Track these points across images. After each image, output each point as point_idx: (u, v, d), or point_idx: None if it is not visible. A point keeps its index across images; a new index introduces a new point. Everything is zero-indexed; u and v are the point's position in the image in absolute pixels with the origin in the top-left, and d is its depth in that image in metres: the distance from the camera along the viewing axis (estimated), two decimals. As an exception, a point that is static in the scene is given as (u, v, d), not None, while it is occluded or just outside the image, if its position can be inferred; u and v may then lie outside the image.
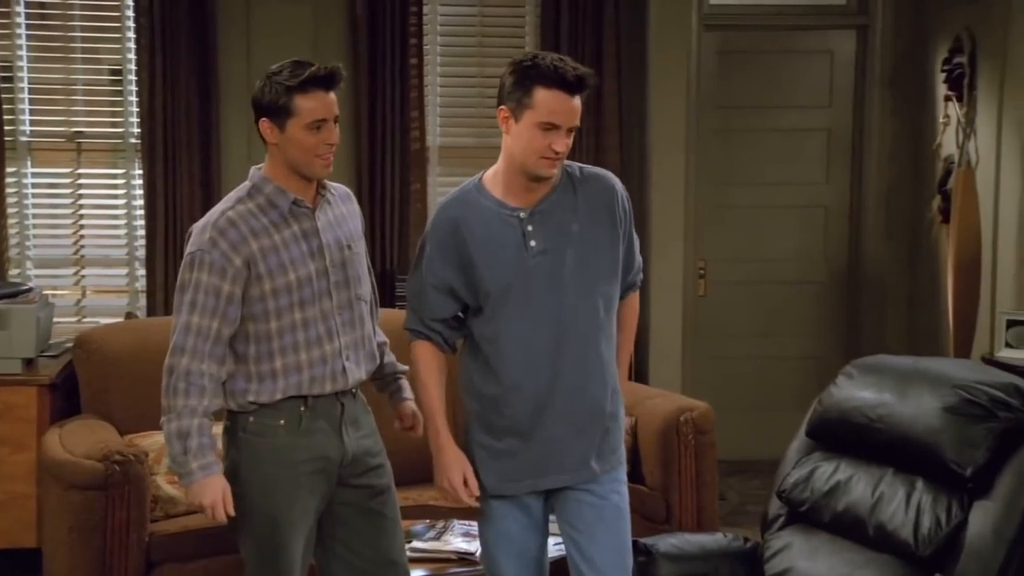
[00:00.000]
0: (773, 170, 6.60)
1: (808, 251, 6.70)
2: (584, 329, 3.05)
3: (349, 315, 3.17)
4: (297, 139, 3.03)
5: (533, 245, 3.01)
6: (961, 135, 6.00)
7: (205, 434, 3.03)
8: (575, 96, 2.92)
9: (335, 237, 3.15)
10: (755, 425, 6.46)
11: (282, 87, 2.99)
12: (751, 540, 3.71)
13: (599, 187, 3.08)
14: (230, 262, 3.02)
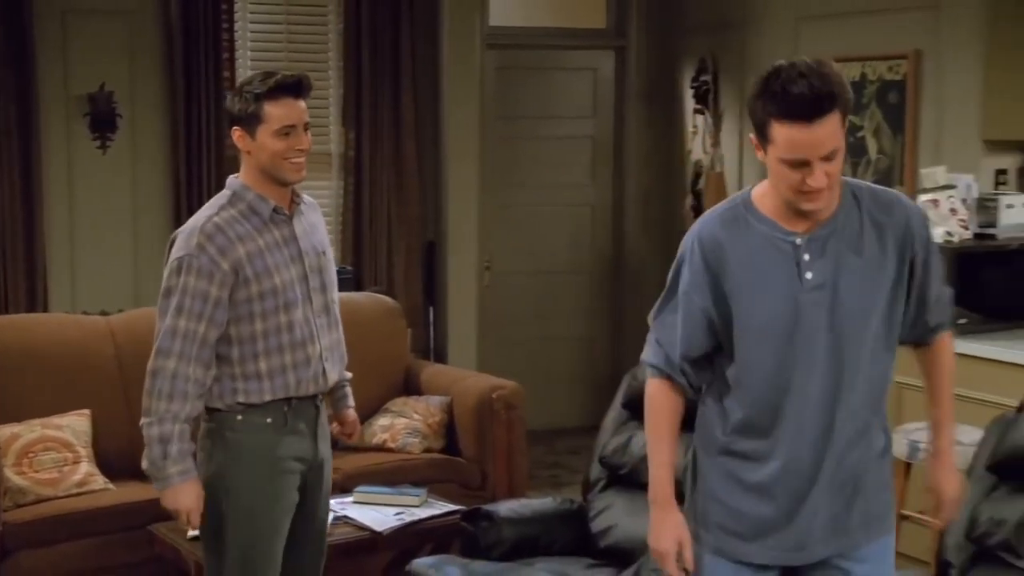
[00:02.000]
0: (546, 174, 6.71)
1: (577, 245, 6.84)
2: (860, 383, 2.31)
3: (326, 319, 3.02)
4: (267, 145, 2.86)
5: (809, 277, 2.29)
6: (708, 142, 6.26)
7: (185, 440, 2.84)
8: (819, 124, 2.16)
9: (311, 244, 3.00)
10: (535, 398, 6.54)
11: (252, 95, 2.84)
12: (576, 501, 3.78)
13: (888, 214, 2.32)
14: (217, 266, 2.83)
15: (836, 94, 2.18)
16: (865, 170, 5.44)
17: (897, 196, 2.36)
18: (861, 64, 5.41)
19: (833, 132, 2.18)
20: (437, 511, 3.86)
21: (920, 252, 2.33)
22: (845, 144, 2.25)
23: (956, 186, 4.58)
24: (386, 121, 5.97)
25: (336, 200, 5.98)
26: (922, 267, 2.34)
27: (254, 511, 2.91)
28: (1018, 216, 4.63)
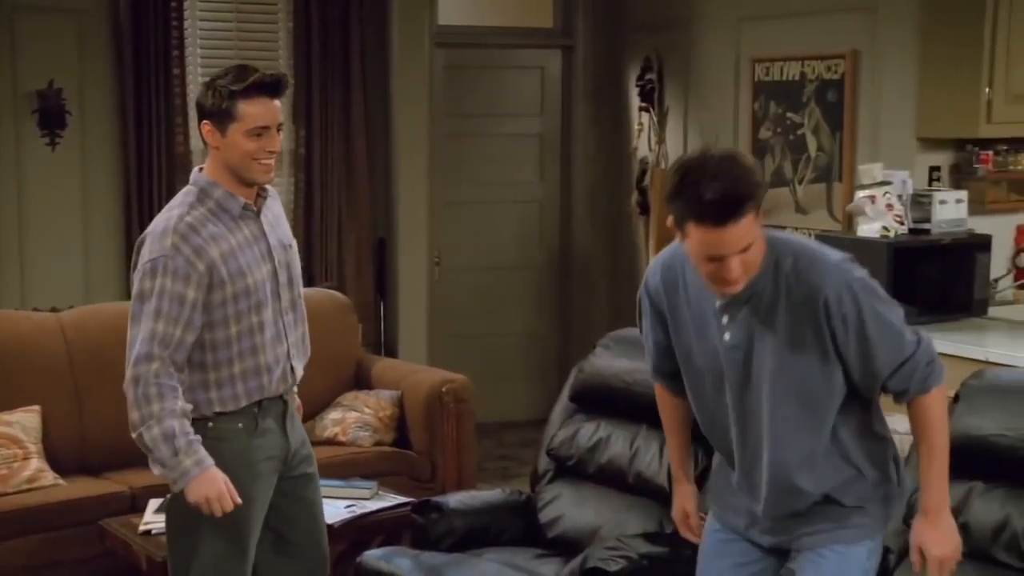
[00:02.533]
0: (495, 170, 6.71)
1: (526, 240, 6.85)
2: (781, 441, 2.42)
3: (292, 316, 2.93)
4: (238, 144, 2.73)
5: (727, 338, 2.40)
6: (654, 140, 6.30)
7: (189, 431, 2.71)
8: (732, 225, 2.22)
9: (277, 237, 2.90)
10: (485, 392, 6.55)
11: (226, 91, 2.71)
12: (525, 493, 3.79)
13: (805, 292, 2.32)
14: (194, 268, 2.71)
15: (748, 195, 2.22)
16: (805, 167, 5.50)
17: (821, 274, 2.33)
18: (801, 63, 5.47)
19: (746, 230, 2.24)
20: (387, 503, 3.86)
21: (842, 328, 2.32)
22: (760, 231, 2.30)
23: (892, 182, 4.64)
24: (336, 119, 5.94)
25: (287, 197, 5.94)
26: (855, 341, 2.33)
27: (229, 516, 2.80)
28: (951, 212, 4.69)
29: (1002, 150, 5.09)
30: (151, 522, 3.61)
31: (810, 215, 5.48)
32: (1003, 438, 2.87)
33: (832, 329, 2.33)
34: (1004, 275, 5.18)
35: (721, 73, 5.89)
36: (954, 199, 4.72)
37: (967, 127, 4.86)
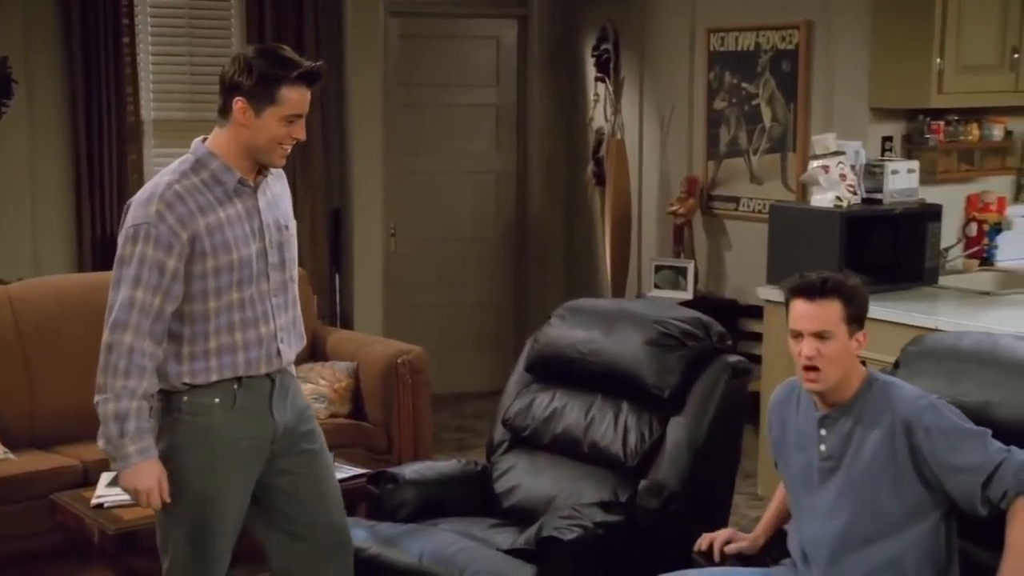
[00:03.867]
0: (451, 141, 6.68)
1: (482, 211, 6.83)
2: (847, 547, 2.70)
3: (283, 298, 2.84)
4: (270, 127, 2.69)
5: (823, 449, 2.74)
6: (610, 110, 6.28)
7: (143, 417, 2.67)
8: (814, 303, 2.70)
9: (274, 217, 2.82)
10: (441, 363, 6.54)
11: (272, 75, 2.67)
12: (480, 463, 3.79)
13: (889, 415, 2.67)
14: (177, 237, 2.65)
15: (841, 288, 2.71)
16: (759, 137, 5.51)
17: (901, 397, 2.70)
18: (755, 33, 5.47)
19: (821, 315, 2.69)
20: (343, 475, 3.81)
21: (926, 439, 2.63)
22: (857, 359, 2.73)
23: (845, 152, 4.66)
24: (289, 89, 5.86)
25: (240, 167, 5.87)
26: (942, 446, 2.63)
27: (201, 494, 2.76)
28: (903, 182, 4.73)
29: (953, 120, 5.12)
30: (103, 495, 3.57)
31: (764, 185, 5.50)
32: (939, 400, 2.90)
33: (915, 446, 2.63)
34: (954, 244, 5.24)
35: (676, 43, 5.88)
36: (906, 169, 4.76)
37: (919, 97, 4.89)
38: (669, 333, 3.49)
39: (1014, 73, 5.00)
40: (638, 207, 6.17)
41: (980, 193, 5.34)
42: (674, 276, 5.72)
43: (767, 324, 4.89)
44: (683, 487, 3.34)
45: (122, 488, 2.75)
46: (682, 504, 3.33)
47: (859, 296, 2.73)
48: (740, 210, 5.63)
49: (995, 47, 4.96)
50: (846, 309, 2.68)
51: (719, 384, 3.41)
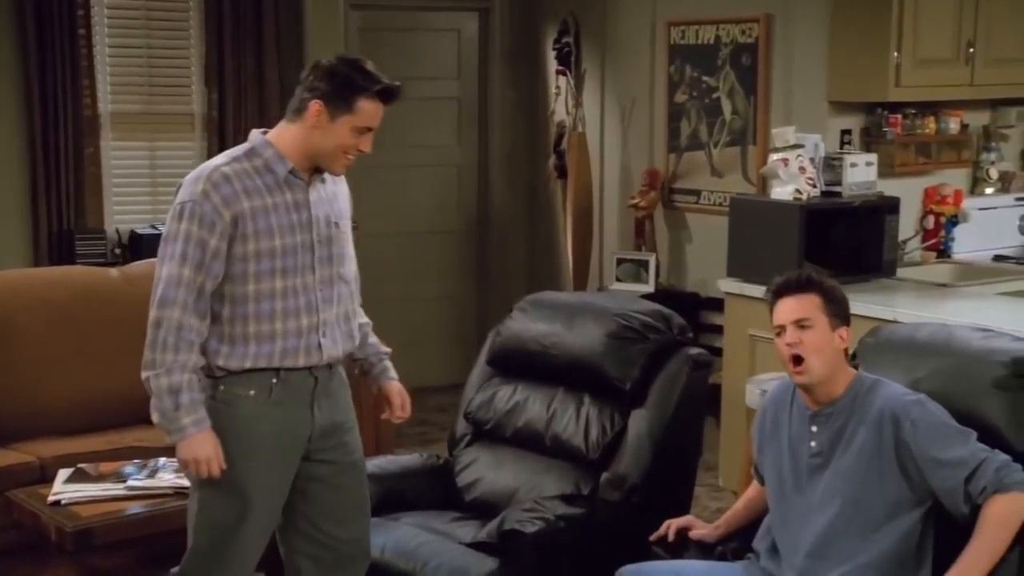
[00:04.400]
0: (412, 134, 6.64)
1: (444, 204, 6.81)
2: (829, 537, 2.74)
3: (329, 292, 2.82)
4: (340, 135, 2.72)
5: (813, 446, 2.79)
6: (571, 103, 6.28)
7: (195, 390, 2.68)
8: (793, 297, 2.78)
9: (324, 213, 2.80)
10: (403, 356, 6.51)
11: (353, 84, 2.71)
12: (443, 457, 3.78)
13: (877, 410, 2.73)
14: (220, 216, 2.66)
15: (818, 284, 2.80)
16: (720, 131, 5.54)
17: (889, 393, 2.75)
18: (716, 27, 5.49)
19: (800, 307, 2.77)
20: (304, 470, 3.82)
21: (911, 431, 2.68)
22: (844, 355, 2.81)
23: (804, 145, 4.69)
24: (249, 81, 5.82)
25: (199, 161, 5.78)
26: (927, 439, 2.68)
27: (229, 484, 2.74)
28: (861, 175, 4.77)
29: (910, 113, 5.17)
30: (60, 492, 3.53)
31: (725, 178, 5.53)
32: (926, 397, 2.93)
33: (900, 439, 2.67)
34: (912, 236, 5.29)
35: (637, 37, 5.90)
36: (864, 162, 4.79)
37: (876, 91, 4.93)
38: (630, 326, 3.49)
39: (969, 67, 5.06)
40: (599, 200, 6.18)
41: (937, 186, 5.39)
42: (635, 269, 5.74)
43: (728, 317, 4.91)
44: (645, 479, 3.35)
45: (180, 460, 2.75)
46: (644, 496, 3.34)
47: (837, 292, 2.82)
48: (701, 203, 5.65)
49: (950, 41, 5.01)
50: (825, 302, 2.77)
51: (680, 377, 3.42)
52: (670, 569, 2.85)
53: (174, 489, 3.64)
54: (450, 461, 3.73)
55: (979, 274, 5.13)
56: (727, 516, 3.09)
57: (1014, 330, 3.43)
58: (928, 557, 2.71)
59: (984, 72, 5.11)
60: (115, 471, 3.71)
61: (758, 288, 4.68)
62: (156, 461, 3.85)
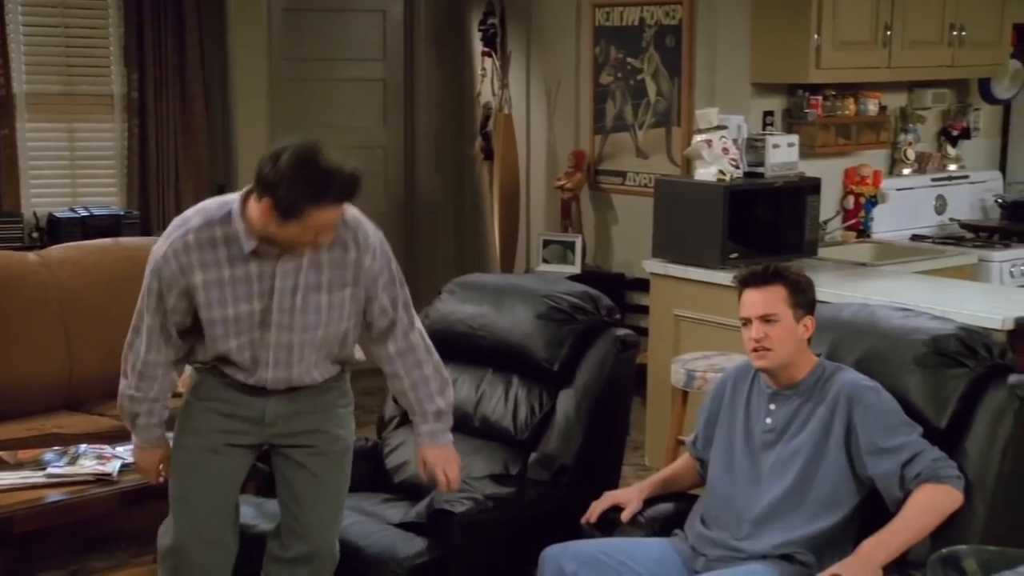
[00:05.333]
0: (338, 116, 6.57)
1: (370, 187, 6.54)
2: (775, 511, 2.81)
3: (287, 356, 2.81)
4: (292, 233, 2.63)
5: (768, 422, 2.89)
6: (497, 84, 6.26)
7: (154, 415, 2.94)
8: (759, 289, 2.85)
9: (295, 284, 2.73)
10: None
11: (305, 198, 2.59)
12: (371, 440, 3.75)
13: (834, 390, 2.82)
14: (176, 281, 2.76)
15: (784, 276, 2.87)
16: (645, 112, 5.55)
17: (847, 377, 2.85)
18: (640, 8, 5.50)
19: (764, 301, 2.84)
20: (231, 454, 3.76)
21: (862, 413, 2.78)
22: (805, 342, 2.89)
23: (727, 127, 4.72)
24: (170, 62, 5.70)
25: (120, 143, 5.69)
26: (874, 423, 2.78)
27: (177, 443, 2.97)
28: (783, 156, 4.81)
29: (831, 95, 5.23)
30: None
31: (650, 159, 5.55)
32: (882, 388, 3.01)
33: (851, 422, 2.76)
34: (833, 216, 5.36)
35: (562, 18, 5.88)
36: (786, 143, 4.84)
37: (797, 72, 4.98)
38: (558, 307, 3.49)
39: (887, 49, 5.14)
40: (526, 182, 6.17)
41: (857, 167, 5.47)
42: (562, 250, 5.74)
43: (653, 297, 4.94)
44: (573, 459, 3.36)
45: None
46: (572, 476, 3.35)
47: (803, 282, 2.88)
48: (626, 184, 5.67)
49: (869, 24, 5.08)
50: (790, 294, 2.84)
51: (608, 357, 3.43)
52: (595, 547, 2.86)
53: (95, 476, 3.57)
54: (379, 443, 3.71)
55: (898, 253, 5.21)
56: (650, 483, 3.14)
57: (932, 308, 3.50)
58: (853, 542, 2.76)
59: (901, 55, 5.19)
60: (34, 458, 3.62)
61: (683, 268, 4.74)
62: (77, 448, 3.77)
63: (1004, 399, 2.84)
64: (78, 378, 4.51)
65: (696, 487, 3.19)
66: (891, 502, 2.76)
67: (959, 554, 2.51)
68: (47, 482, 3.49)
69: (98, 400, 4.45)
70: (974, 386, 2.90)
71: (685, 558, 2.88)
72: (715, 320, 4.57)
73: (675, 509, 3.08)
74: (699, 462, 3.14)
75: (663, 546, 2.92)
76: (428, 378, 2.99)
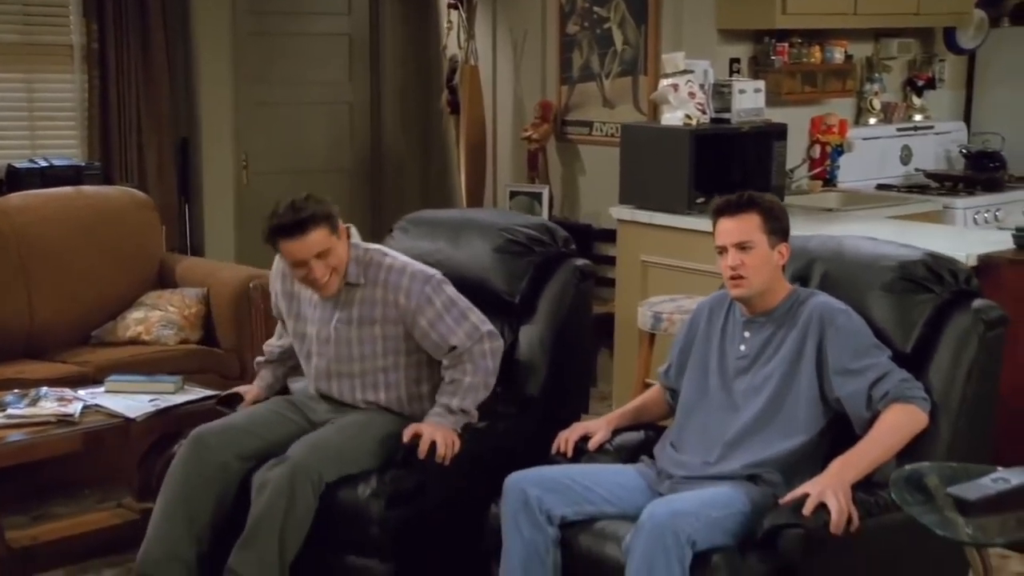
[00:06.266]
0: (303, 71, 6.48)
1: (336, 142, 6.67)
2: (749, 432, 2.83)
3: (326, 384, 3.33)
4: (293, 272, 3.25)
5: (742, 349, 2.91)
6: (463, 37, 6.18)
7: (260, 372, 3.60)
8: (734, 217, 2.87)
9: (353, 315, 3.25)
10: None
11: (270, 238, 3.17)
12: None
13: (807, 311, 2.85)
14: (272, 284, 3.53)
15: (755, 202, 2.93)
16: (611, 61, 5.50)
17: (821, 299, 2.88)
18: (606, -43, 5.44)
19: (741, 229, 2.87)
20: (192, 397, 3.72)
21: (834, 333, 2.80)
22: (777, 268, 2.93)
23: (694, 71, 4.68)
24: (131, 12, 5.59)
25: (80, 95, 5.59)
26: (845, 342, 2.79)
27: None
28: (750, 101, 4.77)
29: (797, 43, 5.20)
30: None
31: (617, 109, 5.50)
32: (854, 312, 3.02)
33: (823, 344, 2.78)
34: (799, 165, 5.34)
35: (528, -32, 5.82)
36: (752, 88, 4.80)
37: (764, 18, 4.94)
38: (516, 240, 3.46)
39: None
40: (493, 134, 6.11)
41: (823, 116, 5.45)
42: (529, 202, 5.70)
43: (620, 243, 4.91)
44: (540, 391, 3.35)
45: None
46: (541, 407, 3.32)
47: (776, 209, 2.91)
48: (593, 135, 5.63)
49: (835, -31, 5.05)
50: (765, 221, 2.86)
51: (568, 288, 3.42)
52: (559, 472, 2.85)
53: (57, 417, 3.52)
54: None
55: (864, 200, 5.21)
56: (620, 414, 3.14)
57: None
58: (821, 464, 2.75)
59: (866, 1, 5.16)
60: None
61: (649, 214, 4.70)
62: (38, 390, 3.71)
63: (969, 323, 2.85)
64: (39, 326, 4.45)
65: (664, 418, 3.17)
66: (858, 423, 2.75)
67: (922, 471, 2.52)
68: (7, 423, 3.44)
69: (59, 348, 4.39)
70: (940, 311, 2.90)
71: (650, 481, 2.87)
72: (682, 265, 4.54)
73: (643, 438, 3.08)
74: (669, 392, 3.13)
75: (627, 471, 2.90)
76: (465, 384, 3.20)
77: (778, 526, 2.54)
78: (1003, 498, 2.33)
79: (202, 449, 3.15)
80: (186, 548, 3.08)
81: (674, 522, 2.52)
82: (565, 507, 2.76)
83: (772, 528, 2.55)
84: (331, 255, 3.15)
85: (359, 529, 3.02)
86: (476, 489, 2.99)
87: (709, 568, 2.52)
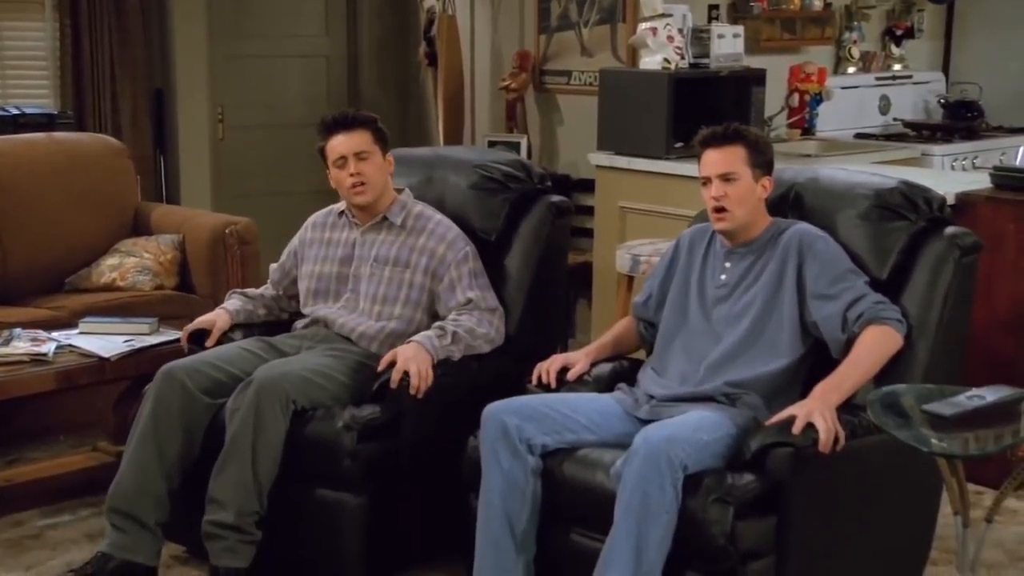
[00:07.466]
0: (278, 24, 6.41)
1: (313, 97, 6.61)
2: (729, 357, 2.85)
3: (347, 318, 3.36)
4: (333, 176, 3.38)
5: (723, 279, 2.92)
6: (441, -12, 6.13)
7: (237, 301, 3.59)
8: (719, 149, 2.87)
9: (373, 255, 3.36)
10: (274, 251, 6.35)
11: (319, 137, 3.36)
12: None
13: (786, 239, 2.88)
14: (302, 232, 3.63)
15: (744, 136, 2.91)
16: (590, 9, 5.46)
17: (801, 226, 2.91)
18: (584, -96, 5.39)
19: (726, 160, 2.87)
20: (166, 338, 3.70)
21: (812, 258, 2.84)
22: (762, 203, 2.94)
23: (673, 15, 4.65)
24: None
25: (52, 43, 5.52)
26: (822, 267, 2.82)
27: None
28: (728, 46, 4.76)
29: (776, -11, 5.19)
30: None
31: (595, 57, 5.47)
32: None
33: (801, 269, 2.81)
34: (778, 113, 5.33)
35: (496, -84, 5.77)
36: (731, 33, 4.79)
37: (743, -38, 4.92)
38: (491, 176, 3.45)
39: (834, -59, 5.09)
40: (471, 84, 6.07)
41: (802, 64, 5.43)
42: (507, 152, 5.66)
43: (598, 190, 4.89)
44: (517, 329, 3.33)
45: None
46: (518, 345, 3.31)
47: (761, 142, 2.92)
48: (572, 84, 5.59)
49: (815, -89, 5.02)
50: (749, 153, 2.86)
51: (544, 224, 3.41)
52: (537, 401, 2.84)
53: (30, 356, 3.50)
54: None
55: (843, 148, 5.21)
56: (598, 346, 3.14)
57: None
58: (800, 389, 2.76)
59: (846, -56, 5.16)
60: (-34, 341, 3.54)
61: (628, 160, 4.69)
62: (11, 331, 3.70)
63: (945, 248, 2.86)
64: (12, 272, 4.41)
65: (636, 350, 3.18)
66: (834, 346, 2.76)
67: (897, 392, 2.53)
68: (-23, 363, 3.41)
69: (33, 294, 4.36)
70: (915, 238, 2.91)
71: (627, 407, 2.87)
72: (660, 210, 4.54)
73: (621, 367, 3.08)
74: (643, 323, 3.12)
75: (604, 399, 2.90)
76: (466, 326, 3.22)
77: (768, 445, 2.55)
78: (979, 413, 2.35)
79: (170, 384, 3.13)
80: (156, 482, 3.07)
81: (668, 447, 2.52)
82: (545, 435, 2.75)
83: (762, 447, 2.55)
84: (370, 161, 3.32)
85: (331, 462, 3.01)
86: (453, 425, 2.98)
87: (700, 491, 2.53)
